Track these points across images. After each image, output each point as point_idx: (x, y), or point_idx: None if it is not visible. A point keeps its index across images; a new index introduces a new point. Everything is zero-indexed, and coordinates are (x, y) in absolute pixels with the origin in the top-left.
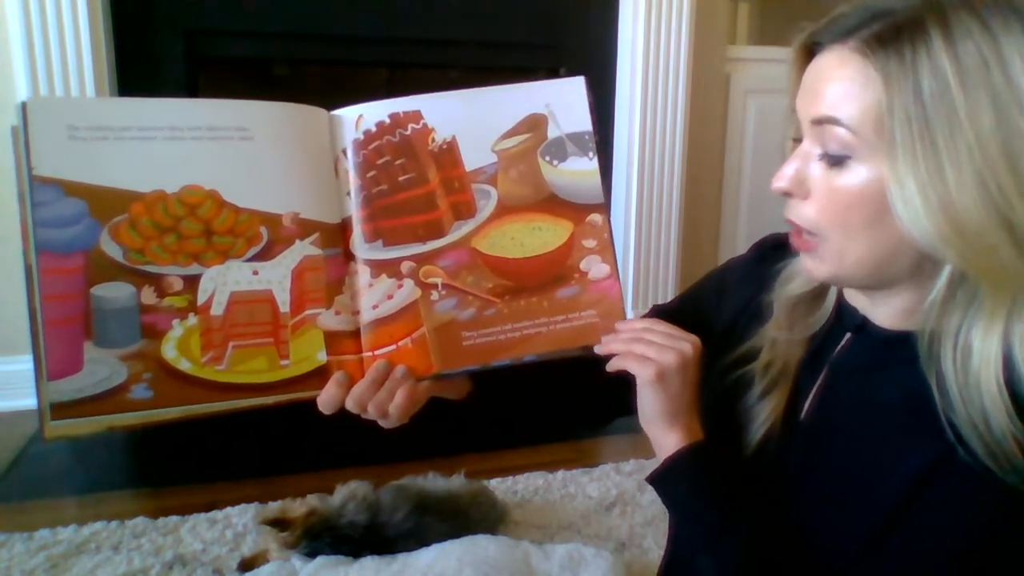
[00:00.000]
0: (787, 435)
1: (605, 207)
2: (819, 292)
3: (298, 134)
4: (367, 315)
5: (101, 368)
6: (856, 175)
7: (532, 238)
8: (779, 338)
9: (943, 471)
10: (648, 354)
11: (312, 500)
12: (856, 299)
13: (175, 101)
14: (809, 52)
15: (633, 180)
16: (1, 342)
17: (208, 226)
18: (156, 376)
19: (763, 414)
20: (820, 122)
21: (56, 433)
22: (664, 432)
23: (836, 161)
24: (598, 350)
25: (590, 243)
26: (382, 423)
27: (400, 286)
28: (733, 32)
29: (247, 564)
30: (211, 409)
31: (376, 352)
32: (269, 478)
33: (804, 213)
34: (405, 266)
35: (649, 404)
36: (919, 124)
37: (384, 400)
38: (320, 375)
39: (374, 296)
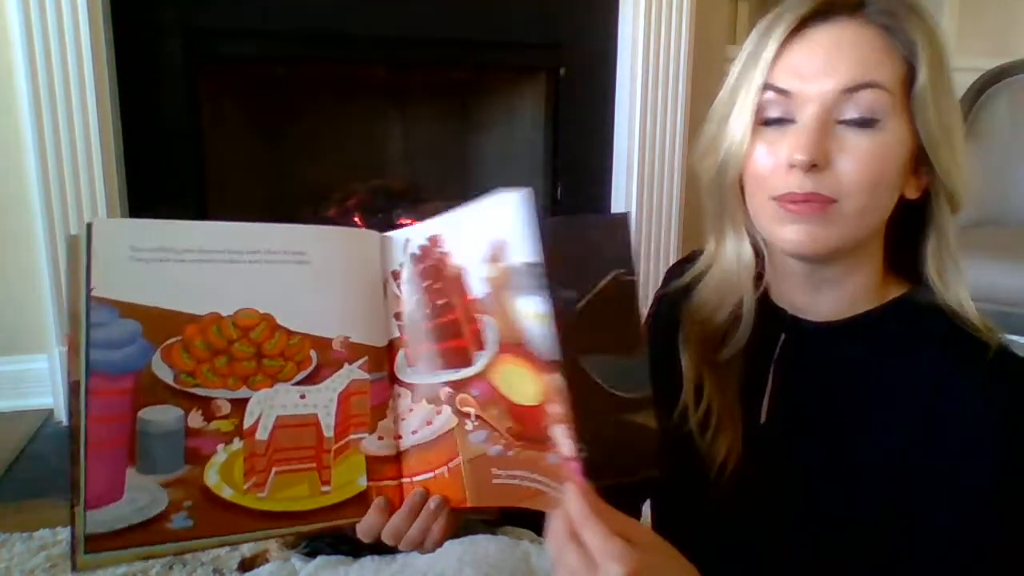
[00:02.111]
0: (754, 442)
1: (559, 366)
2: (737, 313)
3: (352, 258)
4: (407, 440)
5: (142, 495)
6: (891, 133)
7: (523, 385)
8: (706, 383)
9: (936, 425)
10: None
11: None
12: (792, 299)
13: (234, 225)
14: (794, 29)
15: (633, 180)
16: (2, 342)
17: (260, 349)
18: (196, 504)
19: (719, 456)
20: (859, 87)
21: (88, 565)
22: None
23: (870, 123)
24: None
25: (554, 409)
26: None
27: (439, 412)
28: (733, 32)
29: (247, 564)
30: (249, 538)
31: (415, 479)
32: None
33: (830, 179)
34: (443, 392)
35: None
36: (939, 83)
37: (416, 537)
38: (360, 502)
39: (414, 421)
